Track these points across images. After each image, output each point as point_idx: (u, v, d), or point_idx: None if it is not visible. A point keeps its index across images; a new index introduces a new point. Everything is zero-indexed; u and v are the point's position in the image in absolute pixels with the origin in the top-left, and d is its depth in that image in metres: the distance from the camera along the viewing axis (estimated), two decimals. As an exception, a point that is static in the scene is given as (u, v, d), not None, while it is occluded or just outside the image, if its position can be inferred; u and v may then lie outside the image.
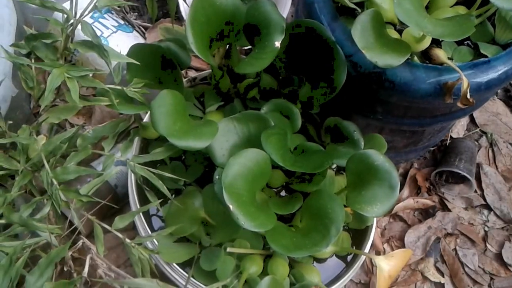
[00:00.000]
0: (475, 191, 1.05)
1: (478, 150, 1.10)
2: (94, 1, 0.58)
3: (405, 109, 0.70)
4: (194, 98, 0.79)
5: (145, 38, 1.05)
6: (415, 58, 0.63)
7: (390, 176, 0.61)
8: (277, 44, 0.59)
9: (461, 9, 0.63)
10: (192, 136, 0.62)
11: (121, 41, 0.98)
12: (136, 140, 0.74)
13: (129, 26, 1.04)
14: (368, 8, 0.63)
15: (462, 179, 1.04)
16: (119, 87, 0.63)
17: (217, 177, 0.63)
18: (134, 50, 0.69)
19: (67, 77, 0.56)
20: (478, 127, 1.13)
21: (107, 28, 0.99)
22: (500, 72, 0.63)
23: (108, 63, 0.59)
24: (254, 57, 0.61)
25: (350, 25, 0.59)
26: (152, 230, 0.71)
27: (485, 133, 1.13)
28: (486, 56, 0.64)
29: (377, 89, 0.66)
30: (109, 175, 0.59)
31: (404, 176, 1.06)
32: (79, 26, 0.58)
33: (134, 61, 0.62)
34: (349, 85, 0.66)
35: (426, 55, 0.63)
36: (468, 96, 0.58)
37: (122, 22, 1.03)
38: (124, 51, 1.02)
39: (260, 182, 0.61)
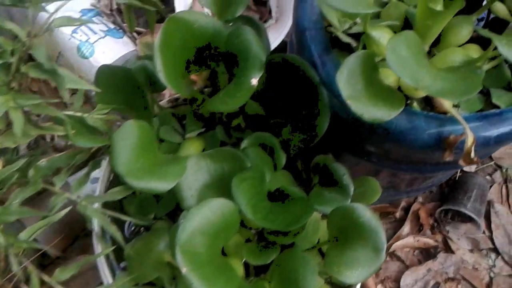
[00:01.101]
0: (483, 232, 0.97)
1: (491, 186, 1.01)
2: (49, 21, 0.51)
3: (402, 157, 0.62)
4: (175, 120, 0.73)
5: (135, 44, 0.98)
6: (415, 103, 0.54)
7: (375, 236, 0.54)
8: (254, 82, 0.51)
9: (473, 49, 0.54)
10: (155, 176, 0.55)
11: (108, 48, 0.91)
12: (105, 169, 0.68)
13: (120, 30, 0.97)
14: (364, 42, 0.54)
15: (470, 218, 0.95)
16: (79, 114, 0.57)
17: (182, 220, 0.57)
18: (102, 72, 0.62)
19: (11, 107, 0.49)
20: (493, 160, 1.04)
21: (95, 33, 0.92)
22: (513, 127, 0.54)
23: (63, 91, 0.52)
24: (227, 94, 0.53)
25: (343, 59, 0.51)
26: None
27: (500, 167, 1.04)
28: (498, 106, 0.55)
29: (368, 135, 0.58)
30: (58, 216, 0.53)
31: (406, 210, 0.98)
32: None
33: (95, 88, 0.56)
34: (339, 126, 0.58)
35: (428, 101, 0.55)
36: (473, 155, 0.50)
37: (112, 26, 0.96)
38: (111, 58, 0.95)
39: (225, 236, 0.53)
